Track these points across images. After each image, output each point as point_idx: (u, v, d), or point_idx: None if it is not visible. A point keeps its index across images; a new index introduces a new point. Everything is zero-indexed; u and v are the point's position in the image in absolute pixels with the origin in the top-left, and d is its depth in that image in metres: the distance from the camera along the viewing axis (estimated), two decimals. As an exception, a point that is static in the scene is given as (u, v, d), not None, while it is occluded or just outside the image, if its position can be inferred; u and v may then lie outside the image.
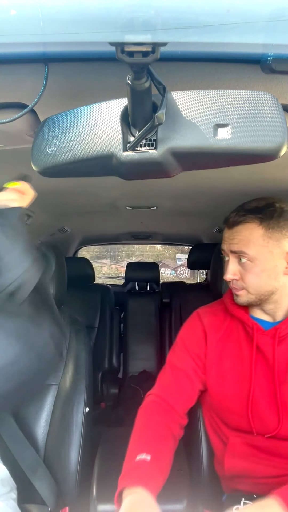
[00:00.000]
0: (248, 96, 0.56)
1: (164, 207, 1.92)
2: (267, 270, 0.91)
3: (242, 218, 0.92)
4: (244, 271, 0.93)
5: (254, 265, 0.91)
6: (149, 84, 0.51)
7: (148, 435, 0.96)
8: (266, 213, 0.91)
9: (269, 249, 0.90)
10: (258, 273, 0.92)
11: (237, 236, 0.92)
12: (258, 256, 0.91)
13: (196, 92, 0.57)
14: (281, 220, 0.91)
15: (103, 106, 0.60)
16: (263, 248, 0.90)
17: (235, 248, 0.92)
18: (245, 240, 0.91)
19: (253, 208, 0.93)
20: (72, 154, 0.60)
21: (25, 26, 0.49)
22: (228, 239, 0.95)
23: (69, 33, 0.50)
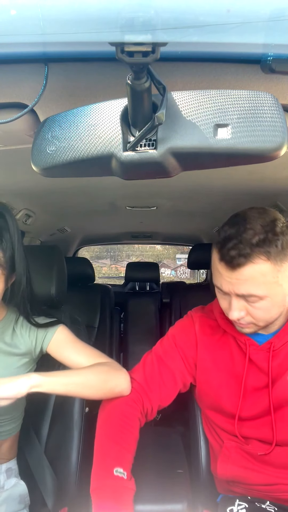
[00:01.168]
0: (248, 96, 0.56)
1: (164, 207, 1.92)
2: (278, 302, 0.83)
3: (248, 257, 0.78)
4: (253, 308, 0.83)
5: (265, 301, 0.81)
6: (149, 84, 0.51)
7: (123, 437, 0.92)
8: (272, 244, 0.78)
9: (279, 282, 0.81)
10: (269, 308, 0.83)
11: (243, 278, 0.79)
12: (268, 293, 0.80)
13: (196, 92, 0.57)
14: (285, 245, 0.80)
15: (103, 106, 0.60)
16: (273, 284, 0.80)
17: (242, 291, 0.81)
18: (253, 281, 0.79)
19: (257, 241, 0.78)
20: (72, 154, 0.60)
21: (25, 26, 0.49)
22: (231, 281, 0.81)
23: (69, 33, 0.50)
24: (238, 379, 0.94)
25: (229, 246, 0.79)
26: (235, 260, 0.78)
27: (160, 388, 0.99)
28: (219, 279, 0.84)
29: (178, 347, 1.03)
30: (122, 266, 14.76)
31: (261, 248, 0.78)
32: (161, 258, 24.42)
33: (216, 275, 0.85)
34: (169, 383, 1.00)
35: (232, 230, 0.81)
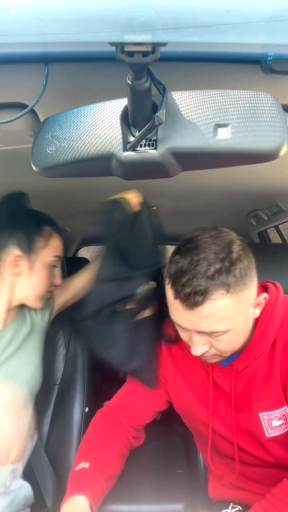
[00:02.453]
0: (248, 96, 0.56)
1: (164, 207, 1.92)
2: (242, 332, 0.77)
3: (205, 294, 0.69)
4: (216, 341, 0.76)
5: (229, 334, 0.75)
6: (149, 84, 0.51)
7: (90, 444, 0.93)
8: (229, 274, 0.70)
9: (241, 313, 0.73)
10: (234, 340, 0.76)
11: (202, 316, 0.71)
12: (232, 326, 0.74)
13: (196, 92, 0.57)
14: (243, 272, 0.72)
15: (103, 106, 0.60)
16: (236, 316, 0.73)
17: (203, 328, 0.73)
18: (214, 318, 0.71)
19: (212, 273, 0.69)
20: (72, 154, 0.60)
21: (25, 26, 0.49)
22: (190, 318, 0.73)
23: (69, 33, 0.50)
24: (207, 401, 0.90)
25: (183, 281, 0.70)
26: (191, 299, 0.70)
27: (132, 411, 0.98)
28: (176, 315, 0.76)
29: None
30: (122, 266, 14.73)
31: (218, 280, 0.69)
32: (161, 258, 24.16)
33: (172, 311, 0.77)
34: (140, 404, 0.98)
35: (184, 262, 0.71)
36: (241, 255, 0.73)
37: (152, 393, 0.97)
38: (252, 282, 0.75)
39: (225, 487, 0.95)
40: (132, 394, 0.99)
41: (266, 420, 0.83)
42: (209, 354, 0.79)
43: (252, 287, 0.75)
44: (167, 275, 0.76)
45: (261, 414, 0.83)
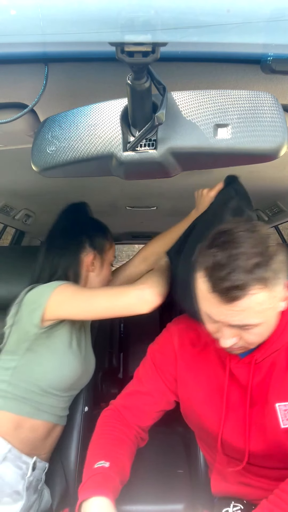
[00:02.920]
0: (248, 96, 0.56)
1: (164, 207, 1.92)
2: (272, 325, 0.79)
3: (244, 289, 0.70)
4: (246, 333, 0.77)
5: (260, 327, 0.76)
6: (149, 84, 0.51)
7: (104, 442, 0.93)
8: (267, 268, 0.71)
9: (274, 306, 0.75)
10: (263, 332, 0.78)
11: (238, 309, 0.72)
12: (264, 320, 0.75)
13: (196, 92, 0.57)
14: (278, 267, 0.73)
15: (103, 106, 0.60)
16: (269, 310, 0.74)
17: (236, 322, 0.74)
18: (249, 312, 0.72)
19: (251, 267, 0.70)
20: (72, 154, 0.60)
21: (25, 26, 0.49)
22: (225, 311, 0.73)
23: (69, 33, 0.50)
24: (220, 396, 0.90)
25: (222, 275, 0.70)
26: (230, 293, 0.70)
27: (138, 411, 0.97)
28: (208, 308, 0.75)
29: (157, 367, 0.99)
30: (122, 266, 14.76)
31: (257, 275, 0.69)
32: (161, 258, 24.15)
33: (203, 302, 0.76)
34: (146, 405, 0.97)
35: (223, 255, 0.71)
36: (277, 249, 0.73)
37: (160, 392, 0.97)
38: (284, 277, 0.75)
39: (228, 482, 0.94)
40: (139, 393, 0.99)
41: (282, 411, 0.83)
42: (237, 346, 0.79)
43: (284, 282, 0.75)
44: (200, 268, 0.75)
45: (277, 405, 0.83)
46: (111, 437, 0.93)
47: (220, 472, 0.96)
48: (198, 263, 0.76)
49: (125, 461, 0.89)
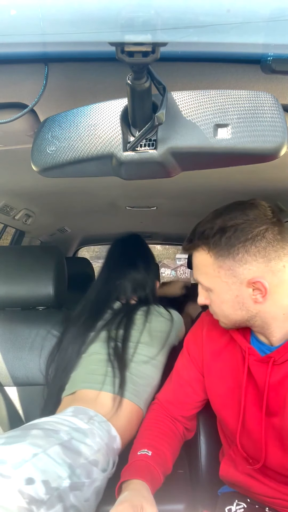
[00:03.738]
0: (248, 96, 0.56)
1: (164, 207, 1.92)
2: (227, 302, 0.82)
3: (190, 244, 0.84)
4: (209, 300, 0.87)
5: (214, 295, 0.84)
6: (149, 84, 0.51)
7: (151, 434, 0.97)
8: (215, 238, 0.79)
9: (222, 279, 0.80)
10: (219, 304, 0.84)
11: (194, 262, 0.85)
12: (212, 287, 0.82)
13: (196, 92, 0.57)
14: (231, 244, 0.77)
15: (103, 106, 0.60)
16: (215, 278, 0.81)
17: (195, 277, 0.87)
18: (197, 269, 0.85)
19: (202, 232, 0.81)
20: (72, 154, 0.60)
21: (25, 26, 0.49)
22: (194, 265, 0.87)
23: (69, 33, 0.50)
24: (239, 393, 0.90)
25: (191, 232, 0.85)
26: (184, 245, 0.86)
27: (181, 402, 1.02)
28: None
29: (191, 356, 1.03)
30: (122, 266, 14.72)
31: (203, 239, 0.80)
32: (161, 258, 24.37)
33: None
34: (187, 395, 1.01)
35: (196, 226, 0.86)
36: (242, 228, 0.77)
37: (197, 381, 1.01)
38: (243, 258, 0.78)
39: (237, 470, 0.95)
40: (179, 385, 1.03)
41: None
42: (211, 311, 0.89)
43: (243, 263, 0.78)
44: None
45: None
46: (158, 431, 0.97)
47: (232, 459, 0.97)
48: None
49: (167, 455, 0.93)
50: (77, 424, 0.96)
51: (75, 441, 0.89)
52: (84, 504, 0.84)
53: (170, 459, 0.94)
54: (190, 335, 1.07)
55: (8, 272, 1.39)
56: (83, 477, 0.85)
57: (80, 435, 0.92)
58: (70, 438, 0.89)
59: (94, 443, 0.93)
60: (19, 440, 0.83)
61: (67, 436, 0.89)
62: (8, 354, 1.35)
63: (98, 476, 0.89)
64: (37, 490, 0.75)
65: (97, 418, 1.01)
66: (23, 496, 0.72)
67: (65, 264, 1.46)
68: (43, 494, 0.75)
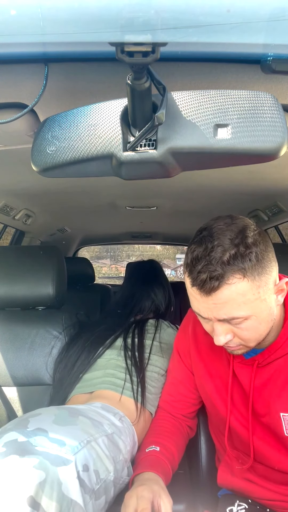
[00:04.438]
0: (248, 96, 0.56)
1: (164, 207, 1.92)
2: (264, 320, 0.75)
3: (221, 279, 0.69)
4: (239, 329, 0.75)
5: (251, 321, 0.74)
6: (149, 84, 0.51)
7: (156, 432, 0.99)
8: (245, 258, 0.70)
9: (261, 298, 0.72)
10: (256, 327, 0.75)
11: (220, 302, 0.71)
12: (253, 312, 0.73)
13: (196, 92, 0.57)
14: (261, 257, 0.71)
15: (103, 106, 0.60)
16: (255, 301, 0.72)
17: (223, 315, 0.73)
18: (232, 303, 0.71)
19: (228, 258, 0.69)
20: (72, 154, 0.60)
21: (25, 26, 0.49)
22: (209, 306, 0.73)
23: (69, 33, 0.50)
24: (226, 392, 0.91)
25: (198, 268, 0.71)
26: (207, 284, 0.70)
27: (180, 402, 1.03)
28: (196, 305, 0.76)
29: (180, 354, 1.03)
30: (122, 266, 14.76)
31: (234, 265, 0.69)
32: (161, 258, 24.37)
33: (192, 300, 0.77)
34: (184, 394, 1.03)
35: (199, 250, 0.72)
36: (256, 239, 0.72)
37: (189, 379, 1.01)
38: (270, 266, 0.74)
39: (234, 476, 0.95)
40: (173, 385, 1.04)
41: (286, 421, 0.82)
42: (234, 344, 0.78)
43: (271, 272, 0.74)
44: (184, 266, 0.76)
45: (282, 415, 0.82)
46: (163, 429, 0.99)
47: (228, 465, 0.97)
48: (183, 262, 0.77)
49: (173, 451, 0.94)
50: (112, 420, 0.94)
51: (115, 436, 0.88)
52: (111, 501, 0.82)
53: (177, 455, 0.96)
54: (179, 333, 1.06)
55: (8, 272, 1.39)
56: (120, 472, 0.84)
57: (118, 431, 0.90)
58: (112, 432, 0.87)
59: (127, 442, 0.91)
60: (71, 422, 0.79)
61: (110, 429, 0.87)
62: (8, 354, 1.35)
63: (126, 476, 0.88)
64: (91, 479, 0.72)
65: (125, 419, 1.00)
66: (80, 483, 0.69)
67: (65, 264, 1.46)
68: (94, 484, 0.73)
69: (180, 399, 1.03)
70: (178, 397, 1.03)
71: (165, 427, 1.00)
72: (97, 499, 0.73)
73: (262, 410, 0.85)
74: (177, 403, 1.03)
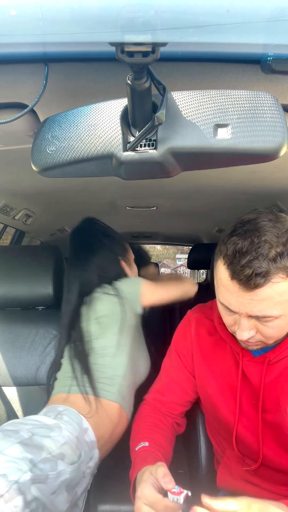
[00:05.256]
0: (248, 96, 0.56)
1: (164, 207, 1.92)
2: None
3: (267, 277, 0.68)
4: (265, 326, 0.75)
5: (280, 320, 0.74)
6: (149, 84, 0.51)
7: (142, 428, 0.97)
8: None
9: None
10: (283, 326, 0.75)
11: (258, 298, 0.70)
12: (285, 313, 0.72)
13: (196, 92, 0.57)
14: None
15: (103, 106, 0.60)
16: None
17: (256, 312, 0.72)
18: (269, 302, 0.70)
19: (274, 256, 0.69)
20: (72, 154, 0.60)
21: (25, 26, 0.49)
22: (243, 301, 0.72)
23: (69, 33, 0.50)
24: (233, 392, 0.90)
25: (243, 262, 0.69)
26: (252, 281, 0.68)
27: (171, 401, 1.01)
28: (227, 298, 0.74)
29: (179, 354, 1.02)
30: (122, 266, 14.73)
31: (280, 264, 0.68)
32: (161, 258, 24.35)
33: (223, 292, 0.75)
34: (176, 394, 1.01)
35: (244, 243, 0.70)
36: None
37: (185, 380, 1.00)
38: None
39: (234, 478, 0.95)
40: (167, 384, 1.02)
41: None
42: (254, 340, 0.78)
43: None
44: (221, 256, 0.74)
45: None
46: (148, 424, 0.97)
47: (228, 467, 0.96)
48: (219, 251, 0.75)
49: (162, 442, 0.92)
50: (43, 421, 0.98)
51: (37, 436, 0.91)
52: (51, 497, 0.85)
53: (166, 446, 0.93)
54: (177, 334, 1.05)
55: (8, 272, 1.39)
56: (47, 470, 0.86)
57: (45, 430, 0.94)
58: (31, 435, 0.90)
59: (61, 436, 0.94)
60: None
61: (27, 434, 0.90)
62: (8, 354, 1.35)
63: (64, 469, 0.89)
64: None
65: (67, 412, 1.04)
66: None
67: (64, 264, 1.46)
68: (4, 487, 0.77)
69: (172, 400, 1.01)
70: (171, 397, 1.01)
71: (150, 422, 0.98)
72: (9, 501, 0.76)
73: (271, 407, 0.85)
74: (168, 403, 1.02)
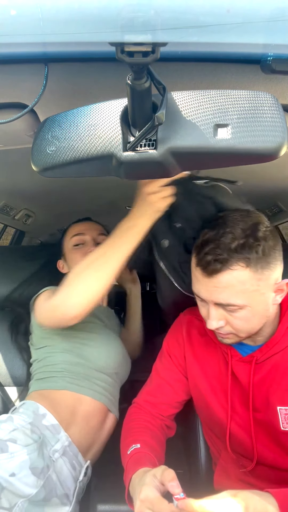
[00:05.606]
0: (248, 96, 0.56)
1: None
2: (258, 313, 0.78)
3: (224, 263, 0.73)
4: (232, 317, 0.78)
5: (245, 311, 0.76)
6: (149, 84, 0.51)
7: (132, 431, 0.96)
8: (252, 250, 0.73)
9: (260, 291, 0.75)
10: (249, 318, 0.77)
11: (220, 286, 0.74)
12: (249, 302, 0.75)
13: (196, 92, 0.57)
14: (268, 253, 0.74)
15: (103, 106, 0.60)
16: (253, 293, 0.75)
17: (220, 300, 0.76)
18: (231, 289, 0.74)
19: (235, 246, 0.73)
20: (72, 154, 0.60)
21: (25, 26, 0.49)
22: (208, 288, 0.76)
23: (69, 33, 0.50)
24: (225, 392, 0.91)
25: (206, 250, 0.75)
26: (210, 266, 0.74)
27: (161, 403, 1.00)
28: (196, 286, 0.79)
29: (171, 355, 1.02)
30: (122, 266, 14.76)
31: (240, 254, 0.72)
32: (161, 258, 24.14)
33: (194, 281, 0.80)
34: (167, 395, 1.00)
35: (211, 233, 0.76)
36: (267, 235, 0.76)
37: (177, 381, 1.00)
38: (275, 264, 0.76)
39: (231, 480, 0.95)
40: (158, 386, 1.02)
41: (283, 414, 0.83)
42: (224, 332, 0.81)
43: (275, 269, 0.77)
44: (194, 246, 0.80)
45: (279, 408, 0.83)
46: (137, 426, 0.96)
47: (224, 469, 0.96)
48: (194, 245, 0.81)
49: (152, 443, 0.91)
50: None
51: None
52: (10, 478, 0.89)
53: (157, 447, 0.93)
54: (169, 336, 1.06)
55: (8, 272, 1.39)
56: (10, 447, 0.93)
57: None
58: None
59: (12, 425, 1.00)
60: None
61: None
62: (8, 354, 1.35)
63: (18, 450, 0.93)
64: None
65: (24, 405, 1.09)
66: None
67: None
68: None
69: (163, 401, 1.01)
70: (162, 398, 1.01)
71: (141, 424, 0.98)
72: None
73: (261, 406, 0.86)
74: (159, 404, 1.01)
